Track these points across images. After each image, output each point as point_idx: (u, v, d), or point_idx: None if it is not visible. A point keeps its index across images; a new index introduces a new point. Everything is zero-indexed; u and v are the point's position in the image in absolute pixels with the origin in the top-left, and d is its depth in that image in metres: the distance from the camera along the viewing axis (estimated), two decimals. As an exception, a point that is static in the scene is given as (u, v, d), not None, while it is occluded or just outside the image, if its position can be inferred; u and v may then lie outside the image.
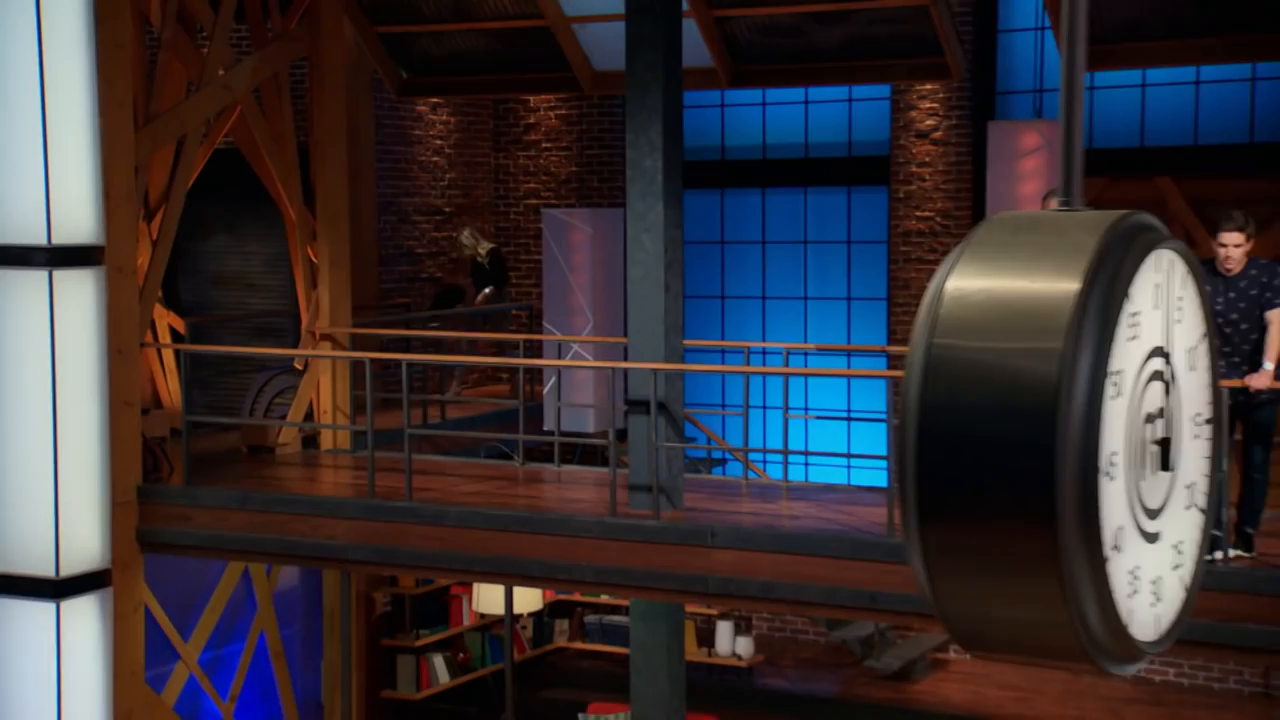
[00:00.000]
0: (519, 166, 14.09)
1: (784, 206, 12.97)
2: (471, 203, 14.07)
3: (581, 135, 13.72)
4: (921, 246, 12.04)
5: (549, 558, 7.48)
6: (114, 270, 8.18)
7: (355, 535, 7.94)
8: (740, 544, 7.03)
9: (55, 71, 7.74)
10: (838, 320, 12.76)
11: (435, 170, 13.63)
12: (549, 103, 13.82)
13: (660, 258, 7.52)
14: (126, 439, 8.30)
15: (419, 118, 13.41)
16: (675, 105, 7.51)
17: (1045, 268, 1.71)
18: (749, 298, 13.15)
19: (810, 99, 12.65)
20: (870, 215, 12.47)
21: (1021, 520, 1.66)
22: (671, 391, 7.61)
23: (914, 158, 12.00)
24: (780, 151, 12.88)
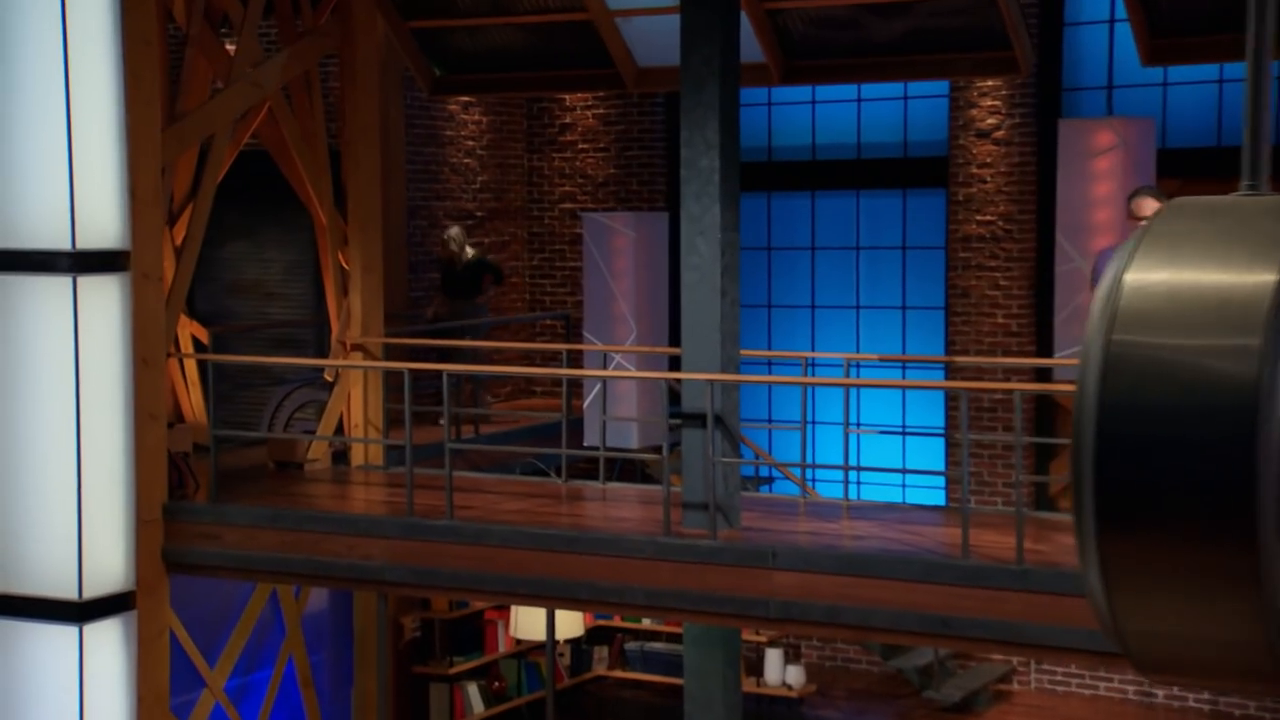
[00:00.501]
0: (554, 169, 14.09)
1: (835, 210, 12.93)
2: (504, 206, 14.08)
3: (620, 136, 13.71)
4: (982, 252, 11.96)
5: (598, 579, 7.44)
6: (139, 276, 8.19)
7: (392, 555, 7.92)
8: (803, 565, 6.97)
9: (80, 67, 7.77)
10: (891, 331, 12.69)
11: (467, 173, 13.65)
12: (585, 102, 13.82)
13: (716, 262, 7.49)
14: (152, 454, 8.31)
15: (450, 117, 13.43)
16: (732, 101, 7.48)
17: (1236, 258, 1.66)
18: (797, 307, 13.10)
19: (863, 96, 12.60)
20: (927, 219, 12.41)
21: (1216, 529, 1.60)
22: (728, 403, 7.57)
23: (974, 158, 11.94)
24: (831, 152, 12.84)
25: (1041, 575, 6.44)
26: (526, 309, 14.39)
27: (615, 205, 13.56)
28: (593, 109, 13.84)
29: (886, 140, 12.55)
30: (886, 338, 12.66)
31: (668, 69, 10.67)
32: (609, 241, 11.06)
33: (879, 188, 12.64)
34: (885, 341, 12.63)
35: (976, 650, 6.54)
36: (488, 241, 13.95)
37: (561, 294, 14.23)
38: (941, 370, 12.11)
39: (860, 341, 12.80)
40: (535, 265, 14.33)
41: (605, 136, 13.79)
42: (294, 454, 9.69)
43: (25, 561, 7.95)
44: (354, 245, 9.92)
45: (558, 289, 14.26)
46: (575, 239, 14.02)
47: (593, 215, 11.10)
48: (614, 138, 13.74)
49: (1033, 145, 11.65)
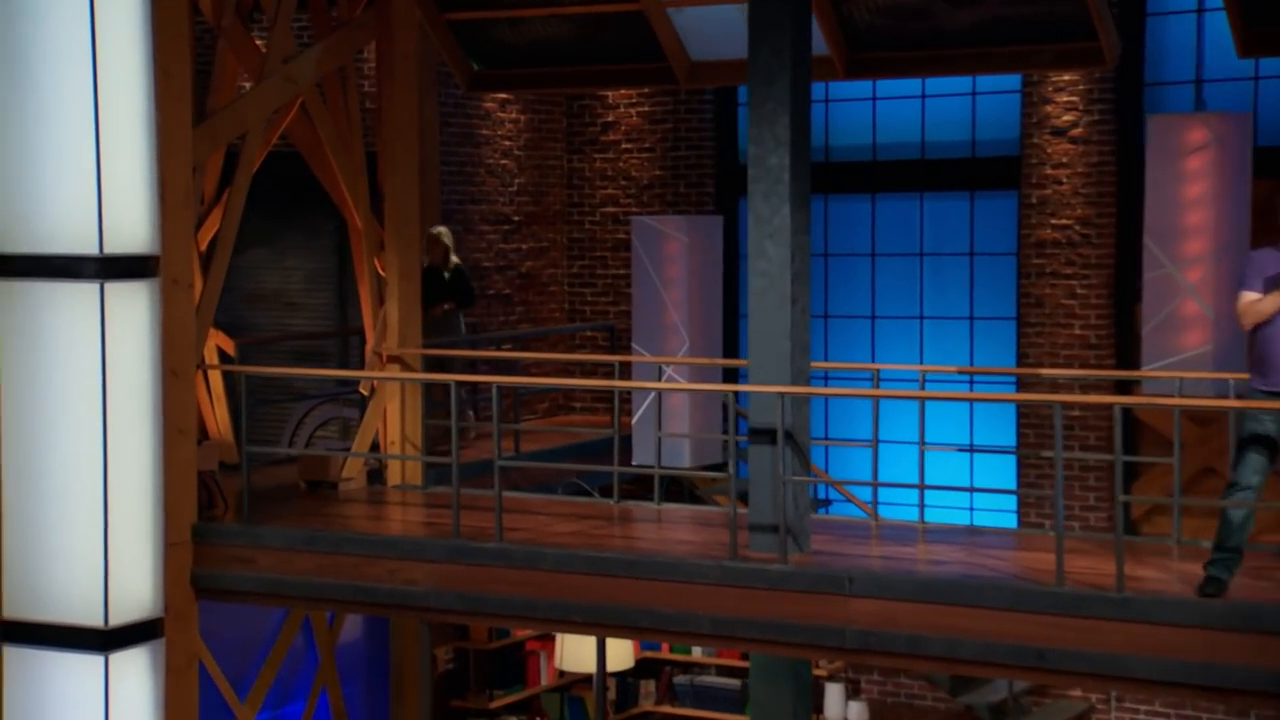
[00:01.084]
0: (595, 170, 14.08)
1: (897, 214, 12.86)
2: (542, 210, 14.06)
3: (667, 135, 13.69)
4: (1057, 259, 11.88)
5: (660, 606, 7.38)
6: (169, 283, 8.19)
7: (438, 580, 7.88)
8: (882, 592, 6.90)
9: (109, 59, 7.78)
10: (958, 343, 12.61)
11: (504, 174, 13.64)
12: (629, 99, 13.80)
13: (786, 267, 7.44)
14: (181, 472, 8.29)
15: (486, 115, 13.43)
16: (803, 95, 7.44)
17: None
18: (856, 317, 13.03)
19: (928, 92, 12.55)
20: (997, 223, 12.33)
21: None
22: (799, 419, 7.51)
23: (1049, 158, 11.86)
24: (893, 152, 12.78)
25: (1144, 603, 6.35)
26: (565, 319, 14.37)
27: (661, 209, 13.53)
28: (637, 106, 13.82)
29: (953, 139, 12.48)
30: (952, 350, 12.58)
31: (722, 63, 10.65)
32: (660, 247, 11.00)
33: (945, 190, 12.57)
34: (951, 354, 12.55)
35: (1074, 684, 6.45)
36: (525, 247, 13.95)
37: (603, 304, 14.20)
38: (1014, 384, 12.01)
39: (924, 354, 12.72)
40: (574, 273, 14.31)
41: (650, 136, 13.76)
42: (327, 472, 9.66)
43: (48, 586, 7.93)
44: (390, 251, 9.91)
45: (599, 298, 14.23)
46: (618, 245, 13.99)
47: (642, 219, 11.06)
48: (660, 137, 13.72)
49: (1113, 143, 11.56)
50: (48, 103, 7.78)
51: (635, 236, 11.15)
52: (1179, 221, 8.49)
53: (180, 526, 8.28)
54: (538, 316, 14.13)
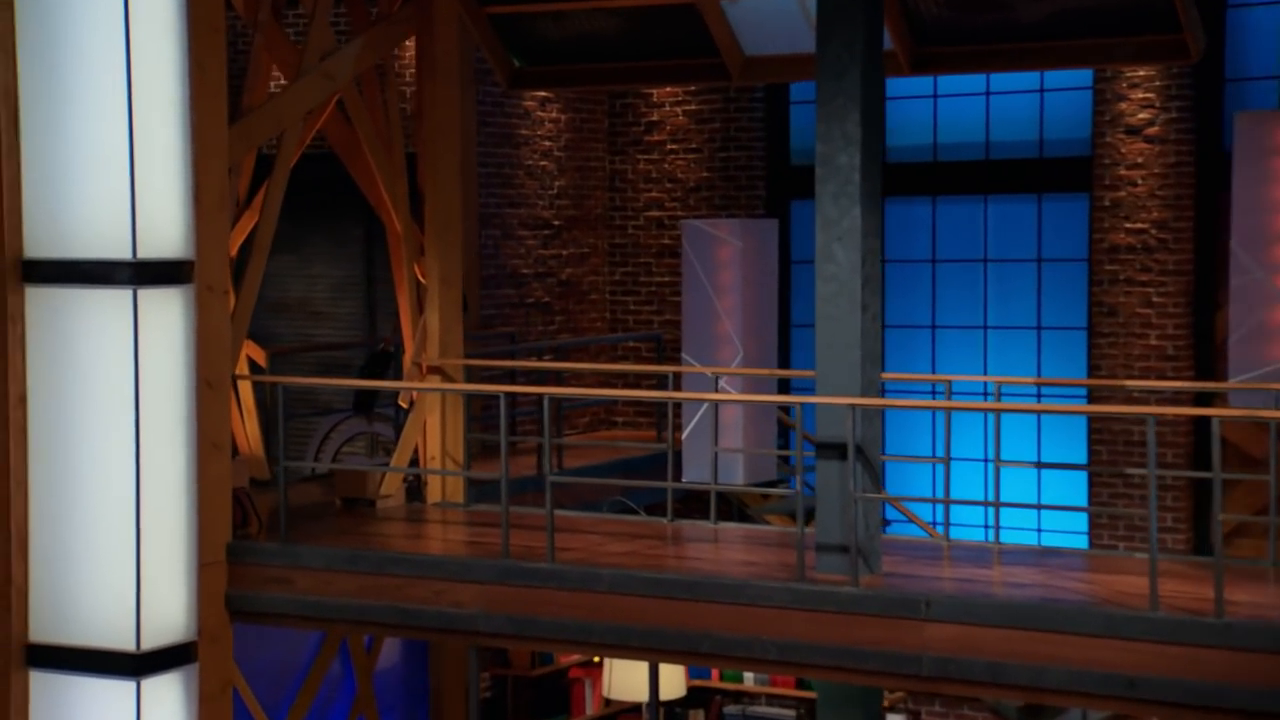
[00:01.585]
0: (639, 172, 14.07)
1: (959, 218, 12.80)
2: (583, 215, 14.06)
3: (715, 135, 13.68)
4: (1132, 265, 11.81)
5: (722, 631, 7.34)
6: (204, 289, 8.20)
7: (487, 602, 7.86)
8: (960, 616, 6.85)
9: (143, 55, 7.80)
10: (1024, 354, 12.55)
11: (543, 176, 13.65)
12: (675, 97, 13.79)
13: (856, 271, 7.41)
14: (216, 488, 8.29)
15: (525, 115, 13.44)
16: (876, 90, 7.41)
17: None
18: (916, 327, 12.98)
19: (993, 89, 12.50)
20: (1066, 228, 12.27)
21: None
22: (869, 432, 7.46)
23: (1123, 158, 11.79)
24: (955, 153, 12.73)
25: (1247, 629, 6.27)
26: (607, 329, 14.36)
27: (708, 212, 13.51)
28: (683, 105, 13.81)
29: (1020, 138, 12.43)
30: (1019, 362, 12.51)
31: (778, 58, 10.63)
32: (712, 252, 10.98)
33: (1010, 192, 12.51)
34: (1017, 366, 12.48)
35: (1168, 715, 6.38)
36: (565, 253, 13.95)
37: (647, 312, 14.18)
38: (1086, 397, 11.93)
39: (988, 365, 12.65)
40: (617, 280, 14.30)
41: (698, 136, 13.75)
42: (364, 489, 9.66)
43: (78, 608, 7.94)
44: (431, 256, 9.91)
45: (642, 306, 14.22)
46: (663, 250, 13.98)
47: (694, 223, 11.03)
48: (707, 137, 13.70)
49: (1192, 143, 11.49)
50: (79, 99, 7.81)
51: (686, 241, 11.12)
52: (1268, 224, 8.42)
53: (214, 546, 8.28)
54: (578, 326, 14.12)
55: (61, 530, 7.95)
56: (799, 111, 13.54)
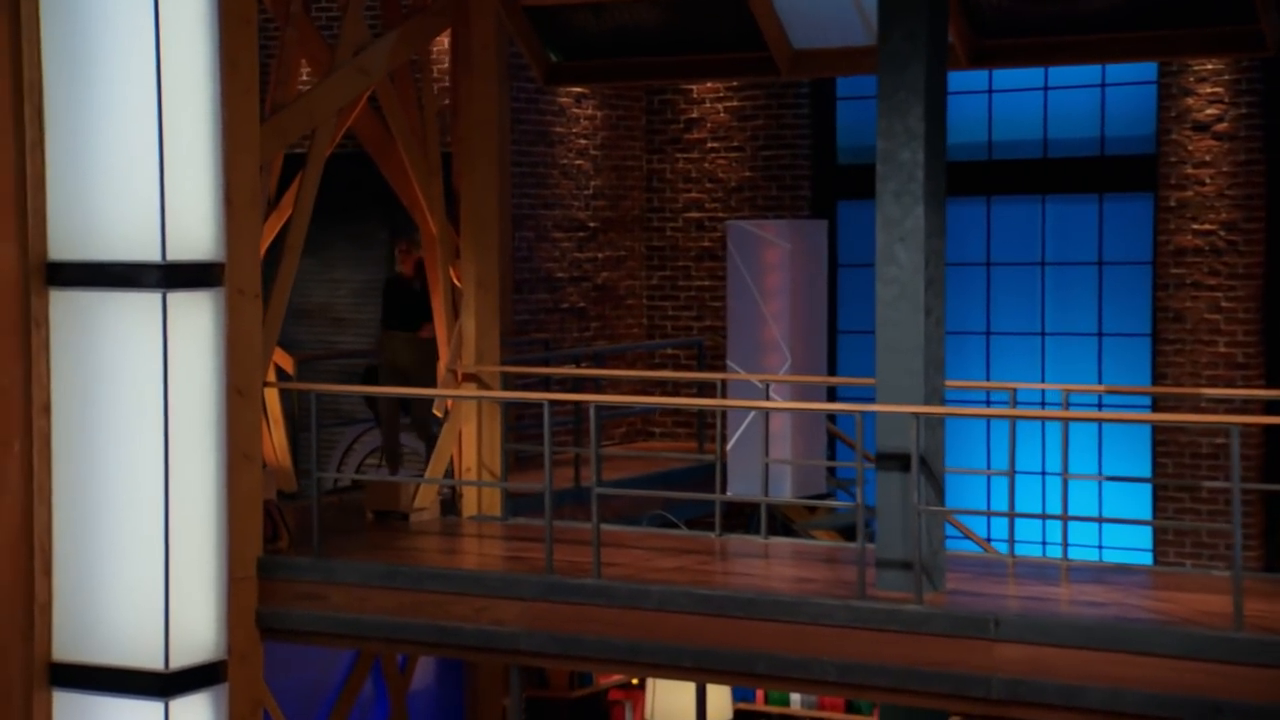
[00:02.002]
0: (677, 171, 14.04)
1: (1015, 219, 12.73)
2: (620, 216, 14.04)
3: (758, 133, 13.64)
4: (1199, 268, 11.72)
5: (779, 650, 7.30)
6: (235, 293, 8.20)
7: (530, 620, 7.83)
8: (1032, 636, 6.79)
9: (173, 49, 7.80)
10: (1084, 361, 12.47)
11: (579, 176, 13.63)
12: (716, 93, 13.76)
13: (919, 273, 7.37)
14: (246, 500, 8.29)
15: (561, 112, 13.43)
16: (939, 84, 7.38)
17: None
18: (969, 333, 12.91)
19: (1051, 84, 12.43)
20: (1129, 229, 12.19)
21: None
22: (932, 443, 7.42)
23: (1190, 156, 11.71)
24: (1011, 150, 12.66)
25: (1337, 650, 6.21)
26: (644, 335, 14.32)
27: (750, 213, 13.46)
28: (724, 101, 13.78)
29: (1080, 135, 12.36)
30: (1078, 370, 12.43)
31: (828, 51, 10.62)
32: (759, 255, 10.97)
33: (1070, 192, 12.43)
34: (1076, 374, 12.40)
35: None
36: (601, 256, 13.93)
37: (686, 318, 14.14)
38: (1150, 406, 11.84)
39: (1046, 373, 12.58)
40: (654, 285, 14.27)
41: (739, 133, 13.71)
42: (397, 502, 9.65)
43: (103, 626, 7.94)
44: (467, 259, 9.89)
45: (680, 312, 14.18)
46: (702, 253, 13.95)
47: (739, 224, 11.02)
48: (750, 135, 13.66)
49: (1262, 140, 11.41)
50: (106, 94, 7.82)
51: (730, 243, 11.10)
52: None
53: (244, 560, 8.27)
54: (614, 332, 14.09)
55: (87, 544, 7.95)
56: (846, 108, 13.50)
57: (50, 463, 7.97)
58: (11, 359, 7.87)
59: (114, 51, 7.82)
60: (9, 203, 7.85)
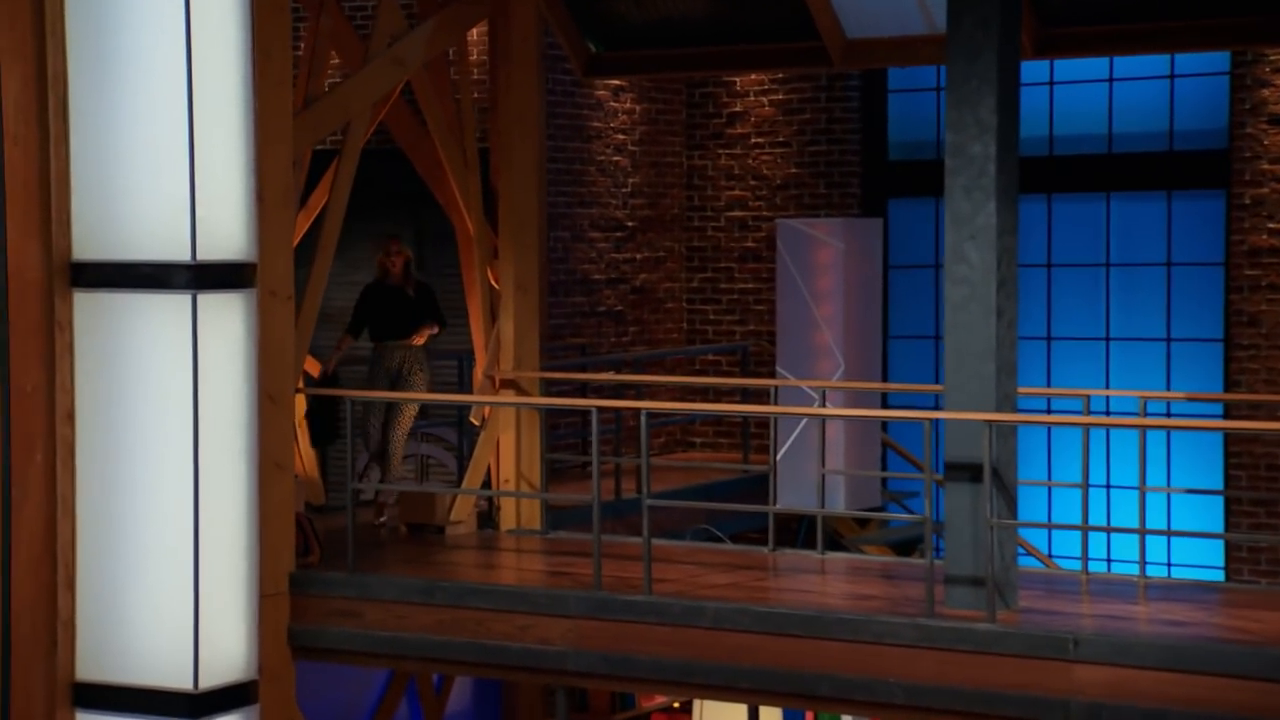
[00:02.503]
0: (719, 168, 14.02)
1: (1078, 218, 12.68)
2: (659, 215, 14.02)
3: (804, 127, 13.61)
4: (1275, 269, 11.66)
5: (843, 671, 7.26)
6: (267, 294, 8.20)
7: (578, 639, 7.81)
8: (1113, 657, 6.75)
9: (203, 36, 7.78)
10: (1151, 368, 12.42)
11: (616, 173, 13.62)
12: (760, 85, 13.74)
13: (991, 273, 7.33)
14: (278, 512, 8.29)
15: (598, 105, 13.43)
16: (1012, 74, 7.35)
17: None
18: (1029, 338, 12.86)
19: (1116, 75, 12.38)
20: (1200, 229, 12.13)
21: None
22: (1004, 452, 7.38)
23: (1265, 151, 11.65)
24: (1073, 145, 12.62)
25: None
26: (683, 340, 14.30)
27: (796, 212, 13.43)
28: (769, 94, 13.76)
29: (1147, 130, 12.31)
30: (1145, 376, 12.36)
31: (883, 41, 10.58)
32: (810, 255, 10.94)
33: (1136, 189, 12.38)
34: (1143, 380, 12.34)
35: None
36: (640, 257, 13.92)
37: (728, 322, 14.11)
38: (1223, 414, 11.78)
39: (1110, 380, 12.52)
40: (695, 287, 14.25)
41: (785, 128, 13.68)
42: (432, 515, 9.64)
43: (130, 644, 7.90)
44: (505, 259, 9.90)
45: (722, 316, 14.15)
46: (745, 254, 13.92)
47: (789, 222, 11.00)
48: (796, 129, 13.64)
49: (1341, 133, 11.36)
50: (134, 85, 7.78)
51: (780, 242, 11.09)
52: None
53: (276, 575, 8.27)
54: (653, 337, 14.07)
55: (112, 559, 7.91)
56: (898, 101, 13.47)
57: (74, 472, 7.94)
58: (34, 364, 7.86)
59: (142, 40, 7.78)
60: (32, 200, 7.84)
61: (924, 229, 13.23)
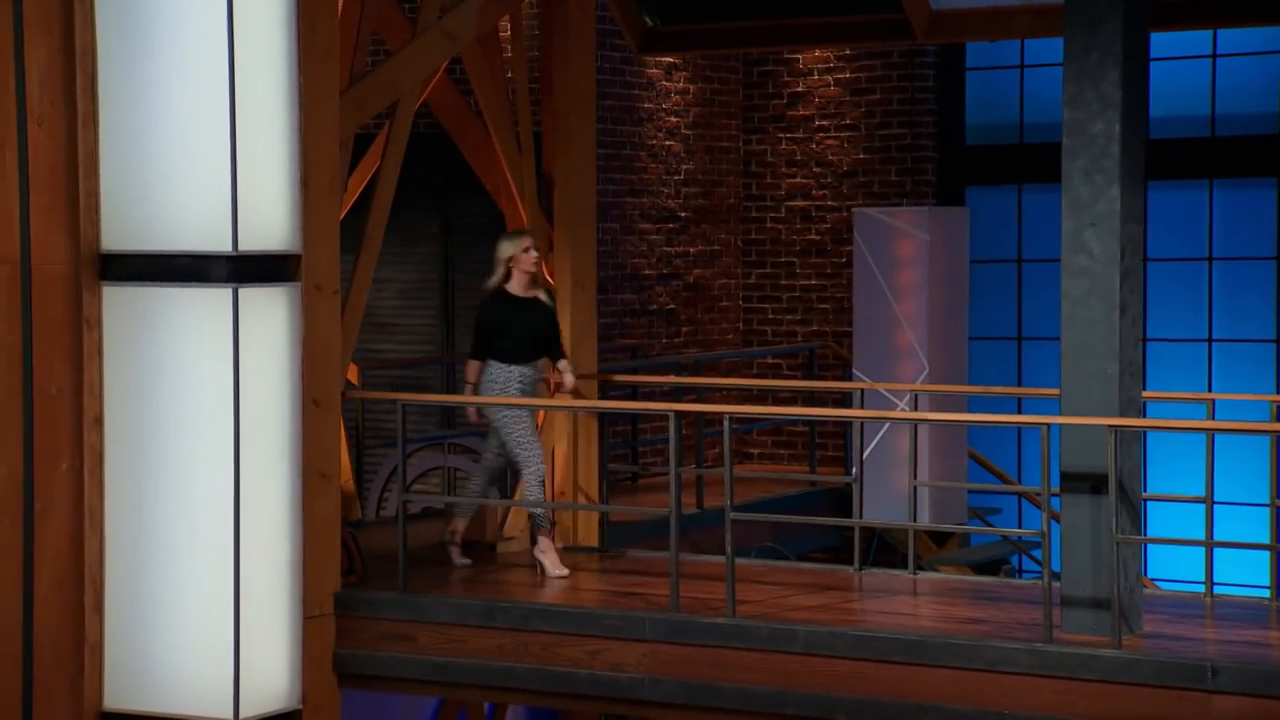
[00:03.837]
0: (780, 154, 13.94)
1: (1176, 207, 12.67)
2: (714, 205, 13.94)
3: (874, 109, 13.53)
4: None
5: (951, 701, 7.17)
6: (312, 289, 8.13)
7: (654, 665, 7.73)
8: (1257, 687, 6.64)
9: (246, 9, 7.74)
10: (1259, 370, 12.33)
11: (669, 159, 13.54)
12: (826, 63, 13.66)
13: (1114, 264, 7.24)
14: (324, 526, 8.21)
15: (649, 85, 13.35)
16: (1140, 45, 7.25)
17: None
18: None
19: (1220, 51, 12.29)
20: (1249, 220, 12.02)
21: None
22: (1129, 462, 7.27)
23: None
24: (1171, 128, 12.59)
25: None
26: (739, 341, 14.22)
27: (865, 202, 13.34)
28: (834, 73, 13.67)
29: (1255, 110, 12.21)
30: (1251, 381, 12.27)
31: (972, 13, 10.52)
32: (889, 248, 10.86)
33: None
34: (1248, 385, 12.24)
35: None
36: (693, 251, 13.83)
37: (788, 322, 14.02)
38: None
39: (1213, 385, 12.43)
40: (752, 284, 14.18)
41: (852, 110, 13.60)
42: (483, 531, 9.56)
43: (163, 670, 7.87)
44: (561, 252, 9.81)
45: (782, 315, 14.06)
46: (808, 248, 13.84)
47: (868, 211, 10.92)
48: (864, 112, 13.55)
49: None
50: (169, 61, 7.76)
51: (858, 233, 11.01)
52: None
53: (321, 596, 8.19)
54: (707, 337, 13.99)
55: (144, 577, 7.89)
56: (976, 80, 13.38)
57: (103, 483, 7.92)
58: (60, 364, 7.81)
59: (177, 10, 7.76)
60: (58, 186, 7.79)
61: (1005, 220, 13.15)
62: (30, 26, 7.68)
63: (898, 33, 10.65)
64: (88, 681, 7.90)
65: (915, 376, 10.65)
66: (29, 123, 7.72)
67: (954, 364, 10.80)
